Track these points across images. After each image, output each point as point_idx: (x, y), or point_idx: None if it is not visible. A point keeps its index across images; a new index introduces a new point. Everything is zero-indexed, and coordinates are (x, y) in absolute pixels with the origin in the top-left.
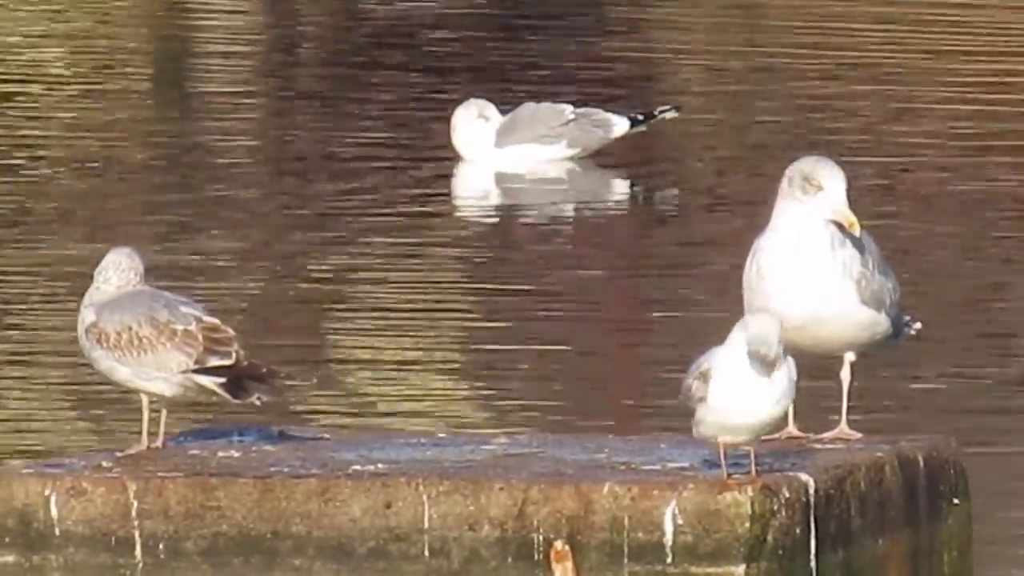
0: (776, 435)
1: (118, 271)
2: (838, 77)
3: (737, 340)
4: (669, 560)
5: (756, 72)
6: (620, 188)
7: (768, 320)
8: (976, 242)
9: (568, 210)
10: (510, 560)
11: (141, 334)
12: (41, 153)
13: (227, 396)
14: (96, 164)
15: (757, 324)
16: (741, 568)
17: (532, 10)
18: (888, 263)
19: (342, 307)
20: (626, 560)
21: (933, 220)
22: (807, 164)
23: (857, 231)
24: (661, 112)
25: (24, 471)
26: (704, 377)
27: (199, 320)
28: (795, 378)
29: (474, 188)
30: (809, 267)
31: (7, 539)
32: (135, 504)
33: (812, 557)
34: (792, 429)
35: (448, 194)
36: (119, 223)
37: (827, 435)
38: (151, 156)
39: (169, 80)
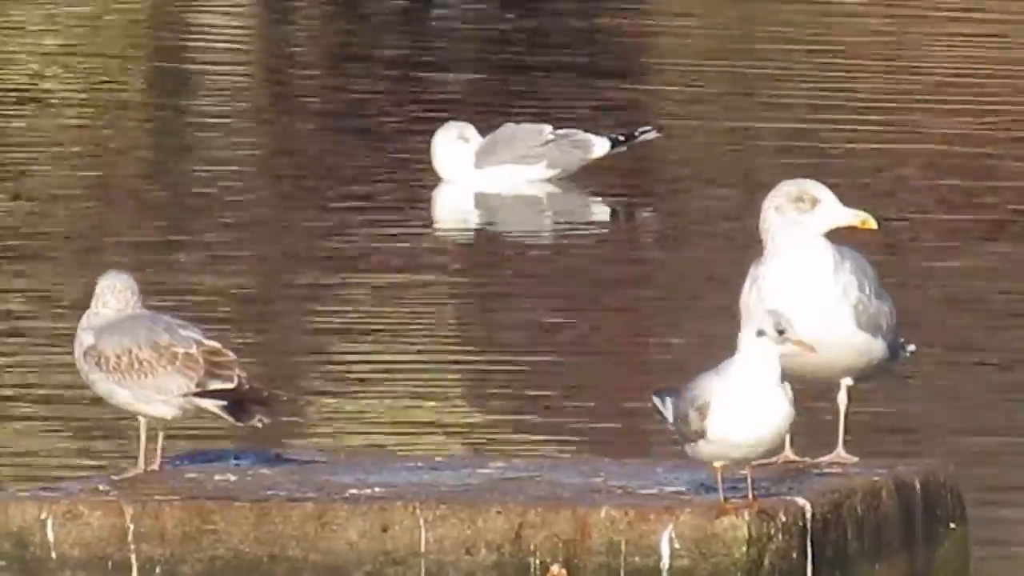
0: (773, 459)
1: (116, 294)
2: (826, 106)
3: (734, 366)
4: None
5: (739, 95)
6: (600, 209)
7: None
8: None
9: (548, 231)
10: None
11: (141, 357)
12: (36, 168)
13: (229, 419)
14: (93, 179)
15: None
16: None
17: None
18: (883, 286)
19: (325, 328)
20: None
21: (926, 241)
22: (791, 187)
23: (874, 225)
24: (642, 133)
25: (20, 495)
26: (702, 411)
27: (199, 343)
28: (791, 403)
29: (454, 209)
30: (810, 292)
31: (3, 563)
32: (132, 527)
33: None
34: (789, 453)
35: (428, 215)
36: (113, 245)
37: (824, 459)
38: (142, 176)
39: (163, 91)
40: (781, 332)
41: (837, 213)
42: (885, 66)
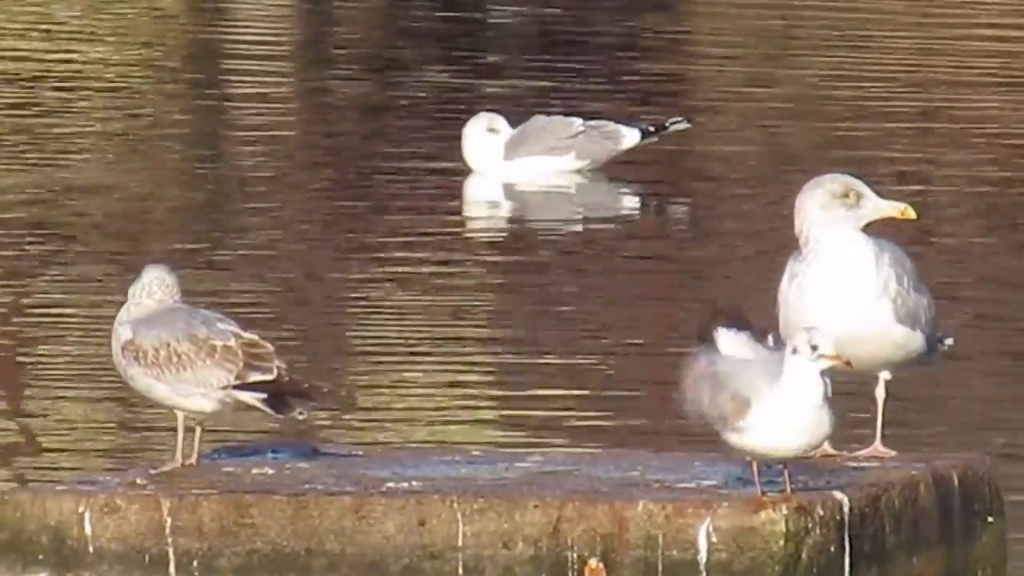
0: (810, 453)
1: (153, 288)
2: (863, 110)
3: (778, 385)
4: None
5: (775, 85)
6: (630, 200)
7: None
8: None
9: (578, 222)
10: None
11: (180, 350)
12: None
13: (269, 411)
14: (130, 170)
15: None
16: None
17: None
18: (921, 279)
19: (362, 321)
20: None
21: (966, 233)
22: (834, 184)
23: (913, 215)
24: (672, 124)
25: (58, 488)
26: (743, 406)
27: (238, 336)
28: (832, 414)
29: (483, 200)
30: (852, 287)
31: (41, 556)
32: (169, 521)
33: (846, 575)
34: (826, 447)
35: (458, 205)
36: (151, 241)
37: (861, 453)
38: (179, 181)
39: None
40: (814, 349)
41: (880, 205)
42: (920, 49)
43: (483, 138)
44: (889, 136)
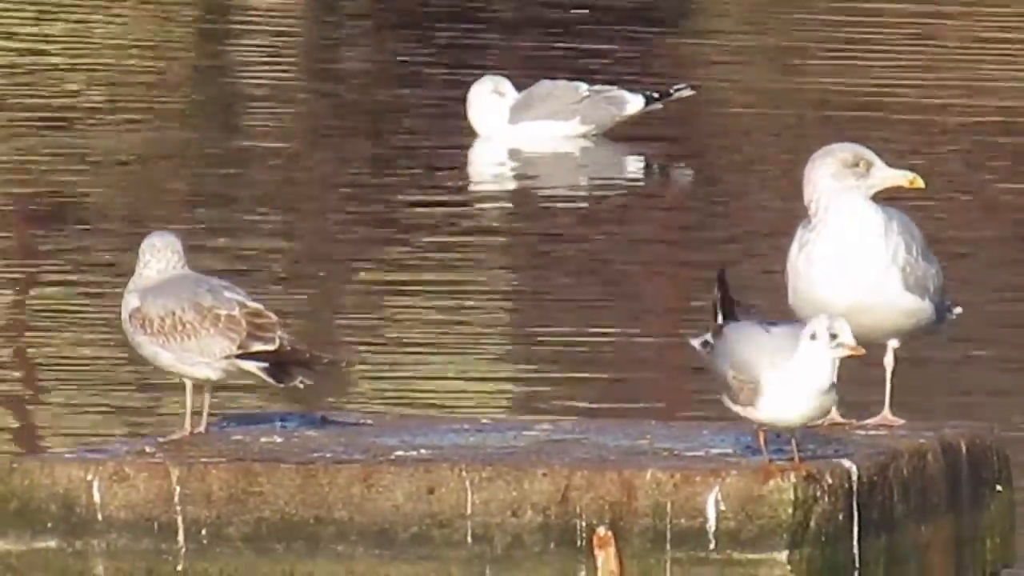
0: (819, 421)
1: (155, 253)
2: (865, 66)
3: (799, 356)
4: (712, 546)
5: (779, 52)
6: (635, 165)
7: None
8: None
9: (583, 187)
10: (553, 546)
11: (185, 319)
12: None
13: (271, 380)
14: (136, 153)
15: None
16: (784, 554)
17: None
18: (930, 247)
19: (370, 289)
20: (668, 546)
21: (970, 206)
22: (845, 153)
23: (921, 184)
24: (677, 90)
25: (67, 456)
26: (754, 389)
27: (242, 305)
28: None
29: (489, 164)
30: (861, 255)
31: (50, 524)
32: (178, 489)
33: (855, 543)
34: (835, 415)
35: (464, 169)
36: (160, 209)
37: (870, 421)
38: (189, 145)
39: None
40: (834, 337)
41: (889, 174)
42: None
43: (489, 101)
44: (895, 94)
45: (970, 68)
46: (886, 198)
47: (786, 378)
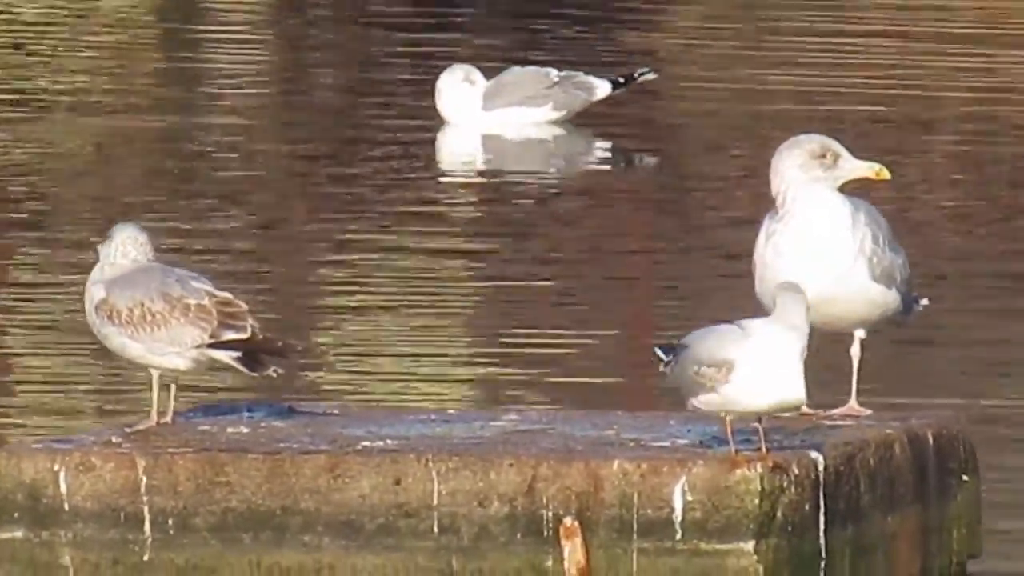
0: (788, 412)
1: (127, 247)
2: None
3: (759, 331)
4: (678, 536)
5: (744, 37)
6: (606, 150)
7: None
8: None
9: (559, 173)
10: (519, 536)
11: (154, 309)
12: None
13: (243, 369)
14: (104, 141)
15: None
16: (750, 544)
17: None
18: (897, 238)
19: (337, 277)
20: (635, 536)
21: (940, 193)
22: (812, 143)
23: (888, 176)
24: (640, 75)
25: (33, 446)
26: (724, 368)
27: (211, 294)
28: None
29: (461, 152)
30: (828, 246)
31: (16, 514)
32: (144, 480)
33: (821, 534)
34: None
35: (434, 158)
36: (120, 200)
37: (837, 412)
38: (153, 136)
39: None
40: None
41: (856, 166)
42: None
43: (459, 90)
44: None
45: (940, 62)
46: (853, 190)
47: (756, 352)
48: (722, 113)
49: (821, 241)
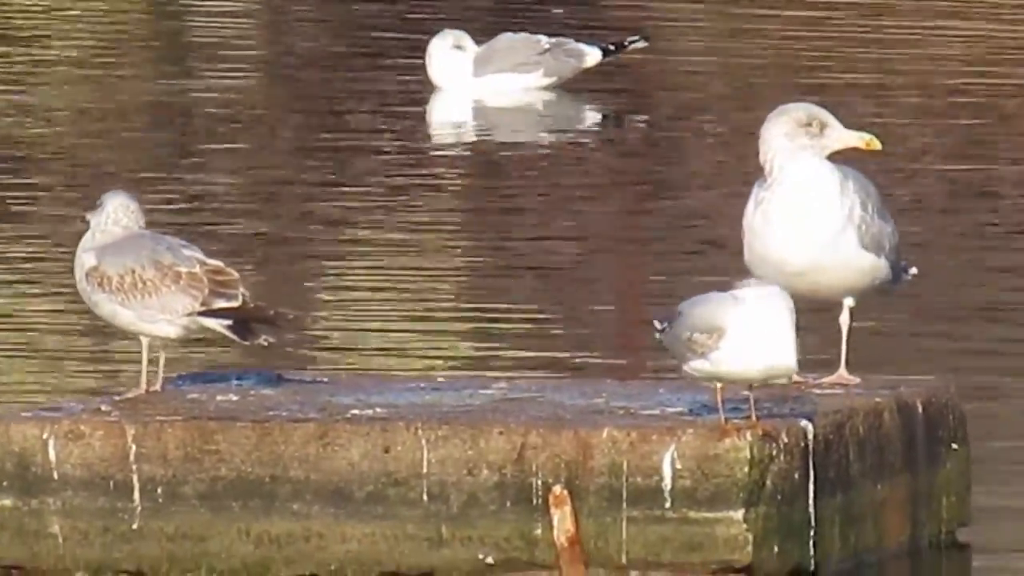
0: (780, 380)
1: (119, 215)
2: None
3: (751, 299)
4: (668, 505)
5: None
6: (598, 116)
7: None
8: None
9: (548, 139)
10: (509, 505)
11: (145, 277)
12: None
13: (235, 338)
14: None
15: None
16: (740, 513)
17: None
18: (886, 206)
19: (329, 247)
20: (625, 505)
21: (925, 163)
22: (799, 112)
23: (878, 146)
24: (631, 42)
25: (22, 415)
26: (715, 334)
27: (202, 262)
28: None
29: (452, 118)
30: (816, 214)
31: (5, 483)
32: (133, 448)
33: (811, 502)
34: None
35: (424, 124)
36: (113, 169)
37: (826, 380)
38: (144, 105)
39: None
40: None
41: (844, 135)
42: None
43: (449, 55)
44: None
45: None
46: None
47: (747, 319)
48: (712, 80)
49: (808, 208)
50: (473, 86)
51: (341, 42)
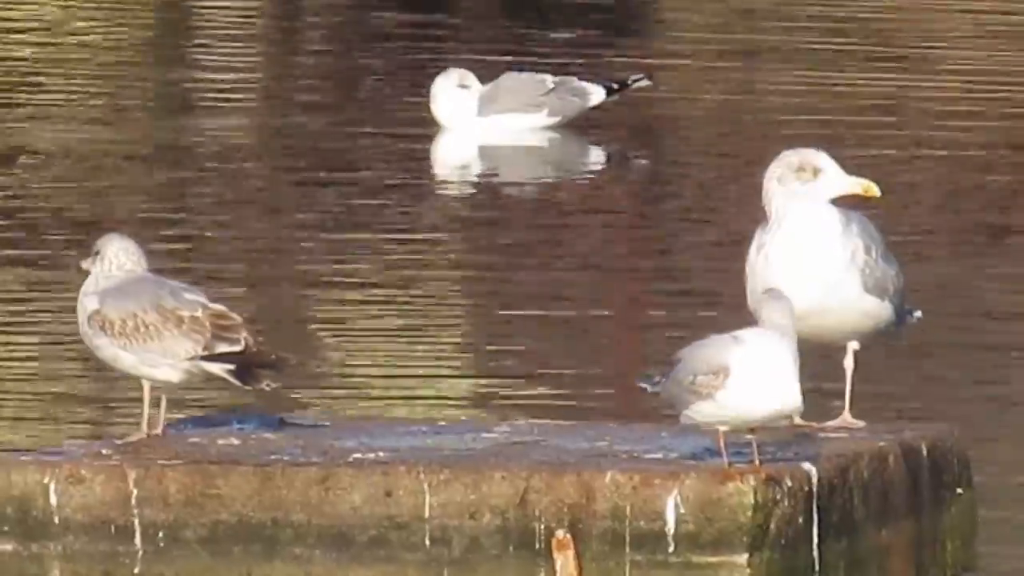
0: (782, 422)
1: (121, 259)
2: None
3: (752, 339)
4: (671, 549)
5: (739, 50)
6: (602, 157)
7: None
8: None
9: (553, 180)
10: (511, 549)
11: (147, 321)
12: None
13: (237, 383)
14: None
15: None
16: (743, 557)
17: None
18: (890, 250)
19: (332, 285)
20: (628, 549)
21: (927, 203)
22: (792, 156)
23: (877, 192)
24: (634, 81)
25: (23, 458)
26: (721, 374)
27: (204, 307)
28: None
29: (457, 158)
30: (818, 257)
31: (6, 528)
32: (135, 492)
33: (815, 546)
34: (795, 418)
35: (430, 164)
36: (113, 212)
37: (830, 424)
38: (143, 144)
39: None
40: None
41: (840, 182)
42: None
43: (454, 94)
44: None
45: (938, 66)
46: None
47: (751, 359)
48: (716, 119)
49: (811, 251)
50: (478, 125)
51: (342, 91)
